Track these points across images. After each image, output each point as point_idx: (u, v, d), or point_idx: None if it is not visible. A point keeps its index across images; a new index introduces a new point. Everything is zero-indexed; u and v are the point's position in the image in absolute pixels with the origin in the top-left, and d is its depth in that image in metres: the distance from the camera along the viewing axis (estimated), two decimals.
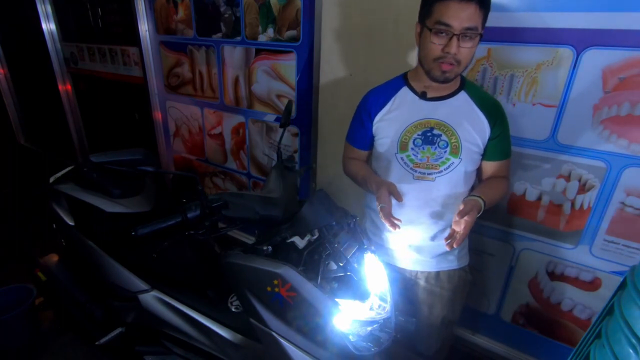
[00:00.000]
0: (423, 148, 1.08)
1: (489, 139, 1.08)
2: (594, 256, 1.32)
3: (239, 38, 1.95)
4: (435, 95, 1.08)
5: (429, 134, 1.07)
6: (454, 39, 0.93)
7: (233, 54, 2.01)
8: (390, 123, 1.12)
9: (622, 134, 1.16)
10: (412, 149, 1.09)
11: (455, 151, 1.06)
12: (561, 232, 1.35)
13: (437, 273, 1.21)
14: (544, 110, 1.25)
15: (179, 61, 2.29)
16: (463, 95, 1.08)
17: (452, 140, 1.05)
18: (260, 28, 1.85)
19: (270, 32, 1.83)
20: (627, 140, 1.16)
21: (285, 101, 1.77)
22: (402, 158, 1.11)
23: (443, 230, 1.14)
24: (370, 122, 1.16)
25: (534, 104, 1.26)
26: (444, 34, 0.94)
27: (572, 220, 1.32)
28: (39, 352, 1.84)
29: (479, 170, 1.17)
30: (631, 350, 0.56)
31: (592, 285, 1.36)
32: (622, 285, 0.65)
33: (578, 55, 1.16)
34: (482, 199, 1.01)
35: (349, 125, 1.25)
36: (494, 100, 1.11)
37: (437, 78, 1.02)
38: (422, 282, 1.24)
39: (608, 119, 1.17)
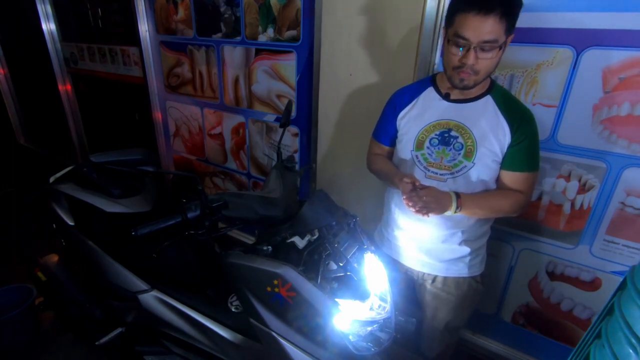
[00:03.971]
0: (438, 148, 1.08)
1: (508, 146, 1.03)
2: (594, 256, 1.32)
3: (239, 38, 1.95)
4: (458, 97, 1.07)
5: (446, 135, 1.07)
6: (472, 51, 0.92)
7: (233, 54, 2.01)
8: (411, 120, 1.13)
9: (622, 134, 1.16)
10: (428, 147, 1.09)
11: (469, 155, 1.04)
12: (561, 232, 1.35)
13: (445, 278, 1.20)
14: (544, 110, 1.25)
15: (179, 61, 2.29)
16: (488, 100, 1.05)
17: (468, 143, 1.04)
18: (260, 28, 1.85)
19: (270, 32, 1.83)
20: (627, 140, 1.16)
21: (285, 101, 1.77)
22: (417, 156, 1.12)
23: (453, 234, 1.13)
24: (395, 117, 1.18)
25: (534, 104, 1.26)
26: (461, 46, 0.94)
27: (572, 220, 1.32)
28: (39, 352, 1.84)
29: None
30: (631, 350, 0.56)
31: (592, 285, 1.36)
32: (622, 285, 0.65)
33: (578, 55, 1.16)
34: (458, 196, 1.00)
35: (376, 122, 1.27)
36: (522, 107, 1.05)
37: (456, 85, 1.02)
38: (428, 285, 1.23)
39: (608, 119, 1.17)
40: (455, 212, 1.02)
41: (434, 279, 1.21)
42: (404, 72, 1.43)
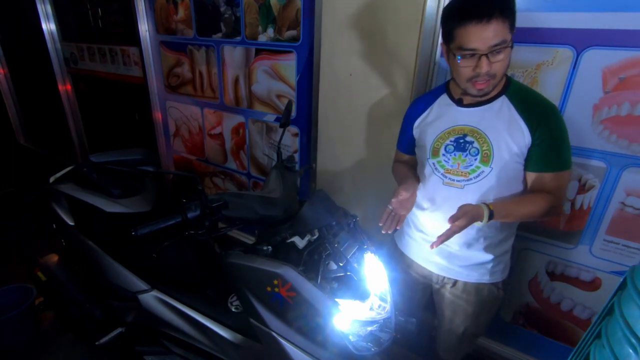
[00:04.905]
0: (454, 154, 1.06)
1: (530, 146, 0.98)
2: (594, 256, 1.32)
3: (239, 38, 1.95)
4: (472, 101, 1.04)
5: (461, 141, 1.05)
6: (483, 59, 0.89)
7: (233, 54, 2.01)
8: (427, 129, 1.12)
9: (622, 134, 1.16)
10: (444, 155, 1.08)
11: (486, 159, 1.01)
12: (561, 231, 1.35)
13: (465, 283, 1.17)
14: None
15: (179, 61, 2.29)
16: (503, 100, 1.00)
17: (484, 148, 1.01)
18: (260, 28, 1.85)
19: (270, 32, 1.83)
20: (627, 140, 1.16)
21: (285, 101, 1.77)
22: (433, 163, 1.10)
23: (473, 239, 1.10)
24: (411, 127, 1.18)
25: None
26: (471, 57, 0.91)
27: (572, 220, 1.32)
28: (39, 352, 1.84)
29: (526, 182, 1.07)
30: (631, 350, 0.56)
31: (592, 285, 1.36)
32: (622, 285, 0.65)
33: (578, 55, 1.16)
34: (490, 209, 0.95)
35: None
36: (541, 104, 0.99)
37: (475, 95, 0.99)
38: (447, 289, 1.20)
39: (608, 119, 1.17)
40: (486, 222, 0.96)
41: (454, 283, 1.18)
42: (404, 72, 1.43)
